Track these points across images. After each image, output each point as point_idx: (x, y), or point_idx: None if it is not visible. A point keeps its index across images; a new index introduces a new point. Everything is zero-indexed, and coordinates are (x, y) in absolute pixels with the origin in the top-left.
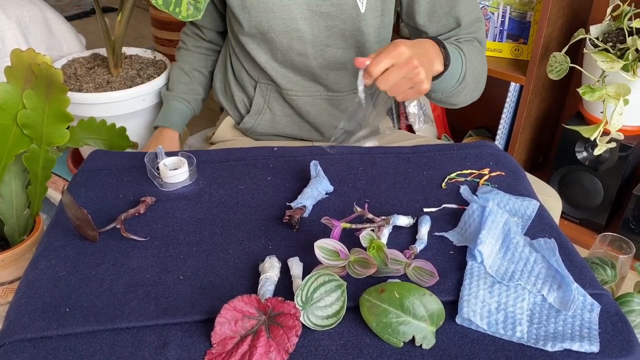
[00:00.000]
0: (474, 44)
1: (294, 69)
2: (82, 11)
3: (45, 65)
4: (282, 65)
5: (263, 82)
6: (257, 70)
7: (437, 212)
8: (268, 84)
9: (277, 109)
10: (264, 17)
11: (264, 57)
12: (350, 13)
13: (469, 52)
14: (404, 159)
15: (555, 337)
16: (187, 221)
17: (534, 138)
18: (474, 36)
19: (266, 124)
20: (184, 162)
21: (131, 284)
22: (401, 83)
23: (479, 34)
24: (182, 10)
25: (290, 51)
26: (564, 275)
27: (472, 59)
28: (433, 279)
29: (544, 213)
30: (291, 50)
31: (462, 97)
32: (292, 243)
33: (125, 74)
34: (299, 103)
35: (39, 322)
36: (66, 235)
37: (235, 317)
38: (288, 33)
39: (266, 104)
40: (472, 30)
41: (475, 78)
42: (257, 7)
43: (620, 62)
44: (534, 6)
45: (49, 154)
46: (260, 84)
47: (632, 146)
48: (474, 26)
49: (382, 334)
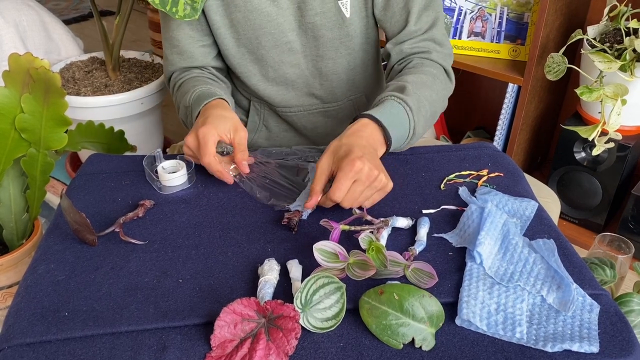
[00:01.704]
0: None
1: (287, 85)
2: (80, 15)
3: (43, 69)
4: (274, 83)
5: (256, 101)
6: (249, 91)
7: (436, 214)
8: (262, 102)
9: (273, 126)
10: (253, 34)
11: (254, 78)
12: (336, 20)
13: (417, 96)
14: (403, 160)
15: (554, 337)
16: (186, 224)
17: (532, 139)
18: (430, 35)
19: (263, 140)
20: (183, 165)
21: (130, 287)
22: (366, 193)
23: (434, 31)
24: (178, 9)
25: (283, 65)
26: (563, 275)
27: (423, 104)
28: (432, 280)
29: (542, 214)
30: (283, 64)
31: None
32: (291, 245)
33: (123, 77)
34: (295, 119)
35: (38, 327)
36: (65, 239)
37: (235, 320)
38: (279, 47)
39: (262, 122)
40: (426, 28)
41: (429, 119)
42: (244, 25)
43: (617, 63)
44: (531, 7)
45: (48, 158)
46: (253, 102)
47: (630, 146)
48: (427, 23)
49: (382, 335)
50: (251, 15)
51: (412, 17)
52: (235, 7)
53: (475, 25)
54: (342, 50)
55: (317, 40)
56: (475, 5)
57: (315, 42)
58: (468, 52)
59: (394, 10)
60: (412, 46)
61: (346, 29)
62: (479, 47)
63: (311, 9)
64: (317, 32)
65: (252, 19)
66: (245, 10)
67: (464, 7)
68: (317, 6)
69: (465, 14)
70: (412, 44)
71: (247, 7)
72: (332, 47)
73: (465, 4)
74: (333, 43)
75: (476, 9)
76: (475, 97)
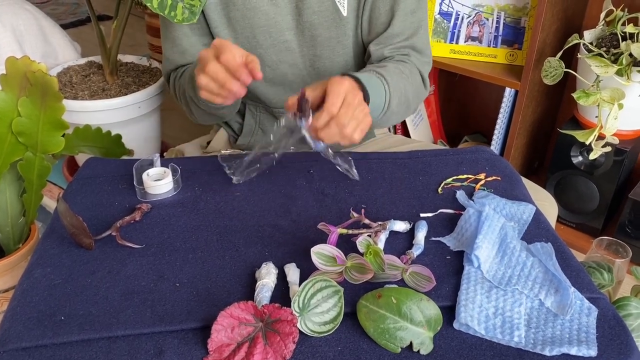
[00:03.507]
0: (405, 66)
1: (284, 85)
2: (78, 19)
3: (40, 73)
4: (271, 83)
5: (252, 104)
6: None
7: (433, 217)
8: (257, 104)
9: (269, 128)
10: (250, 33)
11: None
12: (333, 19)
13: (395, 79)
14: (400, 164)
15: (553, 341)
16: (183, 228)
17: (530, 143)
18: (410, 42)
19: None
20: (169, 173)
21: (127, 291)
22: (357, 116)
23: (415, 40)
24: (177, 13)
25: (280, 65)
26: (561, 279)
27: (399, 86)
28: (430, 284)
29: (540, 217)
30: (281, 63)
31: (389, 123)
32: (288, 249)
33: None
34: None
35: (34, 331)
36: (61, 243)
37: (232, 324)
38: (276, 46)
39: (257, 125)
40: (408, 35)
41: (403, 104)
42: (242, 24)
43: (614, 67)
44: (528, 12)
45: (44, 161)
46: (249, 105)
47: (627, 150)
48: (408, 29)
49: (380, 339)
50: (249, 14)
51: (396, 20)
52: (234, 5)
53: (472, 29)
54: (339, 50)
55: (314, 39)
56: (472, 10)
57: (313, 41)
58: (465, 57)
59: (379, 12)
60: (391, 51)
61: (343, 28)
62: (476, 51)
63: (309, 7)
64: (315, 31)
65: (250, 17)
66: (244, 9)
67: (461, 12)
68: (314, 5)
69: (463, 19)
70: (392, 49)
71: (245, 5)
72: (328, 46)
73: (463, 9)
74: (330, 42)
75: (473, 14)
76: (473, 102)
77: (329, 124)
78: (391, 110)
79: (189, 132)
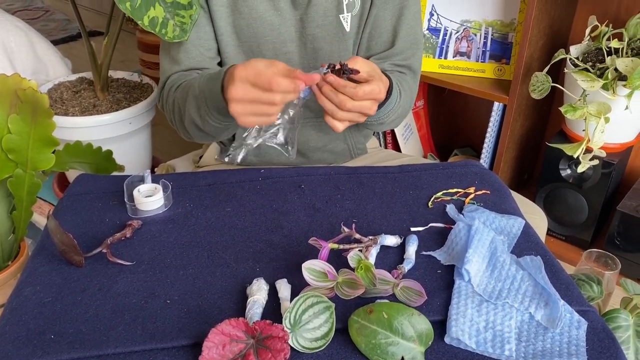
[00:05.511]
0: (405, 84)
1: None
2: (69, 35)
3: (30, 90)
4: None
5: None
6: None
7: (424, 232)
8: None
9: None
10: (254, 42)
11: None
12: (335, 33)
13: (403, 96)
14: (391, 178)
15: (543, 354)
16: (173, 244)
17: (519, 156)
18: (408, 63)
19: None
20: (159, 189)
21: (117, 309)
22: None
23: (412, 61)
24: (168, 31)
25: None
26: (551, 292)
27: (401, 103)
28: (421, 298)
29: (529, 231)
30: None
31: (383, 128)
32: (279, 265)
33: (111, 97)
34: None
35: (23, 350)
36: (51, 261)
37: (223, 341)
38: (278, 57)
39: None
40: (407, 56)
41: (399, 118)
42: (247, 32)
43: (600, 81)
44: (515, 27)
45: (34, 178)
46: None
47: (614, 163)
48: (409, 50)
49: (371, 355)
50: (255, 23)
51: (399, 40)
52: (240, 14)
53: (460, 45)
54: None
55: (315, 52)
56: (460, 26)
57: (314, 54)
58: (454, 72)
59: (381, 30)
60: (391, 67)
61: (344, 43)
62: (464, 66)
63: (312, 20)
64: (317, 44)
65: (255, 27)
66: (250, 18)
67: (449, 28)
68: (318, 19)
69: (451, 34)
70: (391, 65)
71: (251, 14)
72: (329, 60)
73: (451, 25)
74: (331, 56)
75: (461, 30)
76: (462, 116)
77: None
78: (387, 123)
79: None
